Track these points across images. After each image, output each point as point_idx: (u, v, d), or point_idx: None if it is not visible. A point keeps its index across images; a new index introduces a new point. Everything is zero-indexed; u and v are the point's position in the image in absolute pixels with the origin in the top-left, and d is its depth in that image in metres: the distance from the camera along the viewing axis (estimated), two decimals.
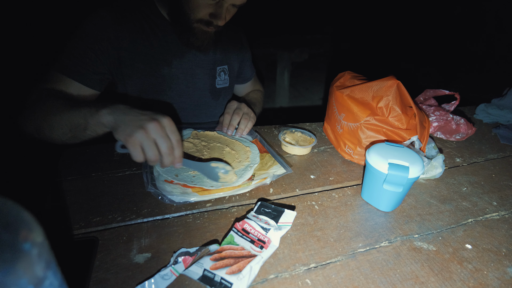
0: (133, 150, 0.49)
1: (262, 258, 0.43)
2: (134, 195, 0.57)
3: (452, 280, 0.44)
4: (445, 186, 0.65)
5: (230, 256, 0.43)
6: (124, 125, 0.50)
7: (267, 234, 0.46)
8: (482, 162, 0.75)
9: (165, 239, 0.48)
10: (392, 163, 0.53)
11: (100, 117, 0.53)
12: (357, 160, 0.70)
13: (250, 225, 0.47)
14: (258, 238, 0.46)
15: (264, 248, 0.44)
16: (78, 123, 0.55)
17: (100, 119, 0.53)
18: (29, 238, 0.20)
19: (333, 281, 0.43)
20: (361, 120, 0.66)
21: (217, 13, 0.68)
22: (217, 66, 0.87)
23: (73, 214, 0.52)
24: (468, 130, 0.83)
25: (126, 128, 0.49)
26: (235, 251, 0.44)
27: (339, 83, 0.77)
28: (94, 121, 0.54)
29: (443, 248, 0.49)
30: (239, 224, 0.48)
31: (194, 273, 0.41)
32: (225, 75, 0.90)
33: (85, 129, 0.56)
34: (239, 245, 0.45)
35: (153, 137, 0.49)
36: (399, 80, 0.66)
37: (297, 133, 0.78)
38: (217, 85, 0.89)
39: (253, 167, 0.63)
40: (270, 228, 0.47)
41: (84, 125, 0.55)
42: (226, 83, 0.91)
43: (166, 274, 0.41)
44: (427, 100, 0.91)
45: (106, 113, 0.52)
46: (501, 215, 0.58)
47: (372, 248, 0.49)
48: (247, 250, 0.44)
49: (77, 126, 0.56)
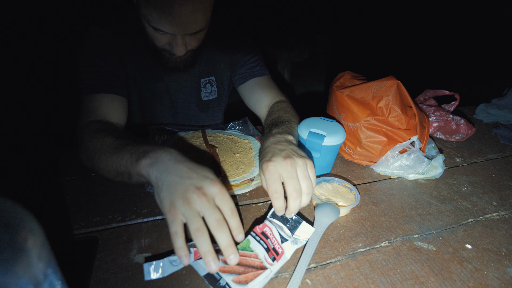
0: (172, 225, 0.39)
1: (271, 272, 0.41)
2: (134, 195, 0.57)
3: (452, 280, 0.44)
4: (445, 186, 0.65)
5: (241, 263, 0.41)
6: (165, 190, 0.41)
7: (282, 244, 0.44)
8: (482, 162, 0.75)
9: (165, 239, 0.48)
10: (311, 131, 0.62)
11: (140, 169, 0.45)
12: (357, 160, 0.70)
13: (270, 229, 0.45)
14: (274, 247, 0.44)
15: (276, 260, 0.43)
16: (122, 171, 0.49)
17: (140, 171, 0.45)
18: (29, 238, 0.20)
19: (333, 281, 0.43)
20: (361, 120, 0.66)
21: (174, 44, 0.63)
22: (202, 79, 0.84)
23: (73, 214, 0.52)
24: (468, 130, 0.83)
25: (166, 195, 0.40)
26: (247, 259, 0.42)
27: (339, 83, 0.77)
28: (135, 171, 0.46)
29: (443, 248, 0.49)
30: (259, 227, 0.45)
31: (202, 268, 0.40)
32: (211, 87, 0.86)
33: (130, 178, 0.49)
34: (254, 251, 0.43)
35: (197, 209, 0.39)
36: (398, 80, 0.66)
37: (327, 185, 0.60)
38: (203, 98, 0.86)
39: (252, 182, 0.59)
40: (288, 240, 0.45)
41: (128, 174, 0.48)
42: (214, 95, 0.87)
43: (175, 260, 0.41)
44: (427, 100, 0.91)
45: (146, 165, 0.44)
46: (501, 215, 0.58)
47: (372, 248, 0.49)
48: (259, 260, 0.42)
49: (122, 173, 0.49)
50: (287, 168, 0.46)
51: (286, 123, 0.64)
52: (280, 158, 0.48)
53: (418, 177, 0.66)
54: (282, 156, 0.48)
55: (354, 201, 0.55)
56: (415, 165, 0.64)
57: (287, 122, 0.64)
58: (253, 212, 0.55)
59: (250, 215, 0.54)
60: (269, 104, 0.78)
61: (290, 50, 2.79)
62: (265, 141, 0.57)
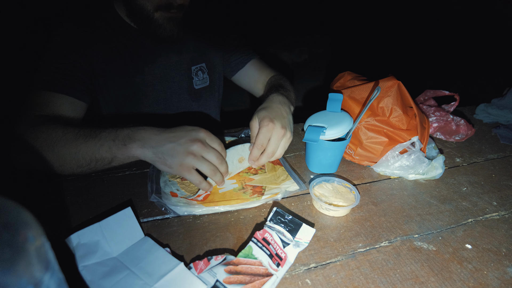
0: (191, 176, 0.51)
1: (278, 278, 0.41)
2: (134, 195, 0.57)
3: (452, 280, 0.44)
4: (445, 186, 0.65)
5: (246, 273, 0.40)
6: (169, 157, 0.50)
7: (284, 249, 0.44)
8: (482, 162, 0.75)
9: (165, 239, 0.48)
10: (311, 125, 0.64)
11: (131, 152, 0.52)
12: (358, 160, 0.70)
13: (270, 234, 0.45)
14: (276, 253, 0.43)
15: (281, 266, 0.42)
16: (101, 157, 0.53)
17: (132, 154, 0.52)
18: (29, 238, 0.20)
19: (333, 281, 0.43)
20: (361, 121, 0.66)
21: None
22: (192, 66, 0.82)
23: (73, 214, 0.52)
24: (468, 131, 0.83)
25: (173, 160, 0.50)
26: (252, 267, 0.41)
27: (339, 83, 0.77)
28: (123, 155, 0.52)
29: (443, 248, 0.49)
30: (260, 233, 0.45)
31: (205, 281, 0.39)
32: (203, 74, 0.84)
33: (110, 163, 0.54)
34: (257, 258, 0.42)
35: (201, 155, 0.51)
36: (399, 80, 0.66)
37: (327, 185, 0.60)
38: (195, 86, 0.84)
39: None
40: (289, 244, 0.45)
41: (110, 159, 0.53)
42: (205, 82, 0.86)
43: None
44: (427, 100, 0.91)
45: (137, 147, 0.51)
46: (501, 215, 0.58)
47: (372, 248, 0.49)
48: (264, 267, 0.41)
49: (100, 159, 0.54)
50: (278, 135, 0.57)
51: (288, 92, 0.75)
52: (279, 124, 0.57)
53: (418, 177, 0.66)
54: (281, 124, 0.58)
55: (354, 201, 0.55)
56: (416, 166, 0.64)
57: (288, 91, 0.77)
58: (253, 213, 0.55)
59: (250, 215, 0.54)
60: (266, 80, 0.89)
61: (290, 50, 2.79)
62: (272, 93, 0.68)
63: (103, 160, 0.54)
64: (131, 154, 0.52)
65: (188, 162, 0.50)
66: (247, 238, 0.49)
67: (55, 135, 0.54)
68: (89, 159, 0.54)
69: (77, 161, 0.54)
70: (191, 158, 0.50)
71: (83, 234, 0.42)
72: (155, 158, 0.51)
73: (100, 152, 0.53)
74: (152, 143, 0.51)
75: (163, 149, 0.50)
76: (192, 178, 0.51)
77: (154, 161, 0.52)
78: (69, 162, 0.54)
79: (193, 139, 0.51)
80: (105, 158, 0.53)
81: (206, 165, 0.51)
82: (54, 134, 0.55)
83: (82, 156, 0.53)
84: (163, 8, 0.65)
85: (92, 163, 0.54)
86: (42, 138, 0.55)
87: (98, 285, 0.38)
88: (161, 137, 0.51)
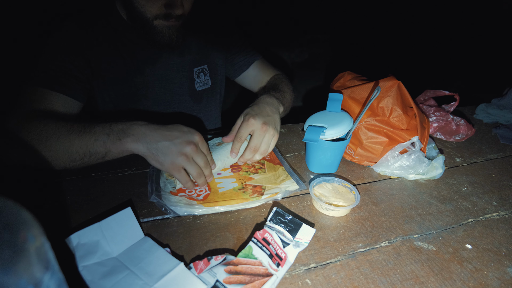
0: (179, 176, 0.53)
1: (278, 278, 0.41)
2: (134, 195, 0.57)
3: (452, 280, 0.44)
4: (445, 186, 0.65)
5: (246, 273, 0.40)
6: (162, 155, 0.52)
7: (284, 249, 0.44)
8: (482, 162, 0.75)
9: (165, 239, 0.48)
10: (311, 125, 0.64)
11: (126, 146, 0.52)
12: (358, 160, 0.70)
13: (270, 234, 0.45)
14: (276, 253, 0.43)
15: (281, 266, 0.42)
16: (95, 151, 0.53)
17: (126, 148, 0.53)
18: (29, 238, 0.20)
19: (333, 281, 0.43)
20: (361, 121, 0.66)
21: (171, 1, 0.63)
22: (194, 68, 0.82)
23: (73, 214, 0.52)
24: (468, 131, 0.83)
25: (166, 158, 0.52)
26: (252, 267, 0.41)
27: (339, 83, 0.77)
28: (117, 150, 0.53)
29: (443, 248, 0.49)
30: (260, 233, 0.45)
31: (205, 281, 0.39)
32: (205, 76, 0.84)
33: (103, 157, 0.54)
34: (257, 258, 0.42)
35: (192, 157, 0.53)
36: (399, 80, 0.66)
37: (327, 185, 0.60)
38: (197, 88, 0.84)
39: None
40: (289, 244, 0.45)
41: (104, 154, 0.54)
42: (207, 84, 0.86)
43: None
44: (427, 100, 0.91)
45: (131, 141, 0.52)
46: (501, 215, 0.58)
47: (372, 248, 0.49)
48: (264, 267, 0.41)
49: (94, 154, 0.54)
50: (260, 131, 0.59)
51: (280, 92, 0.77)
52: (261, 120, 0.60)
53: (418, 177, 0.66)
54: (263, 120, 0.60)
55: (354, 201, 0.55)
56: (416, 166, 0.64)
57: (282, 92, 0.78)
58: (253, 213, 0.55)
59: (250, 215, 0.54)
60: (268, 80, 0.90)
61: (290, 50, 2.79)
62: (263, 94, 0.71)
63: (96, 155, 0.54)
64: (125, 148, 0.53)
65: (179, 162, 0.52)
66: (247, 238, 0.49)
67: (48, 130, 0.55)
68: (83, 153, 0.54)
69: (70, 155, 0.54)
70: (183, 158, 0.52)
71: (83, 234, 0.42)
72: (148, 153, 0.52)
73: (94, 147, 0.53)
74: (147, 138, 0.52)
75: (158, 146, 0.52)
76: (180, 177, 0.53)
77: (147, 156, 0.53)
78: (62, 157, 0.54)
79: (188, 141, 0.53)
80: (99, 152, 0.54)
81: (195, 168, 0.53)
82: (47, 129, 0.55)
83: (75, 150, 0.53)
84: (162, 16, 0.66)
85: (86, 157, 0.54)
86: (35, 132, 0.55)
87: (98, 285, 0.38)
88: (156, 134, 0.53)
